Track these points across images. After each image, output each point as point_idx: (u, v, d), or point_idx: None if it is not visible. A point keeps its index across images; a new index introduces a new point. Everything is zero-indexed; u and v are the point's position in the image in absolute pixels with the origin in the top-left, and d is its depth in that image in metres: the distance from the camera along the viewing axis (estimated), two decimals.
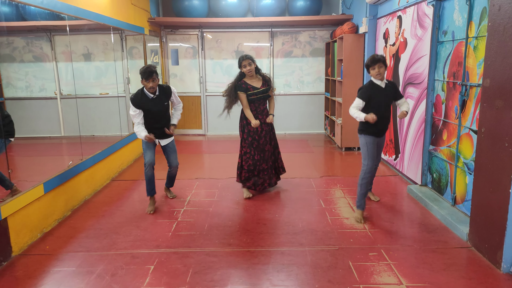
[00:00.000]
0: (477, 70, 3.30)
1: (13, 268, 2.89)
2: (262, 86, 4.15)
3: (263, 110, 4.20)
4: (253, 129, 4.15)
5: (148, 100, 3.73)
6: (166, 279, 2.70)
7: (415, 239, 3.25)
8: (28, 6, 3.43)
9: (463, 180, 3.52)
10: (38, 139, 4.14)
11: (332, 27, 7.57)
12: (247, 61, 4.04)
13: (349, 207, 3.97)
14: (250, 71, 4.06)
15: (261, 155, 4.22)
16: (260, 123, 4.16)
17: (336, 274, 2.72)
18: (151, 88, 3.66)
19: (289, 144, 6.99)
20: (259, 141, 4.19)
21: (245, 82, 4.10)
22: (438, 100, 4.00)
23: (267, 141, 4.23)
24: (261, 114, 4.19)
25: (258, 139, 4.19)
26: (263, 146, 4.21)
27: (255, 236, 3.34)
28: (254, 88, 4.10)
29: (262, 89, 4.13)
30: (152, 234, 3.40)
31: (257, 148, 4.19)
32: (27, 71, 4.02)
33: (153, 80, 3.63)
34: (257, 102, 4.15)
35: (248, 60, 4.05)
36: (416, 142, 4.49)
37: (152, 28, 7.04)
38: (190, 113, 8.06)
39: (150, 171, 3.89)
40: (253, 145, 4.19)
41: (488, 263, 2.85)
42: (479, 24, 3.26)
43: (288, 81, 7.87)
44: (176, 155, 4.08)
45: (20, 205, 3.12)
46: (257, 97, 4.11)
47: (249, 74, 4.08)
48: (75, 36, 4.41)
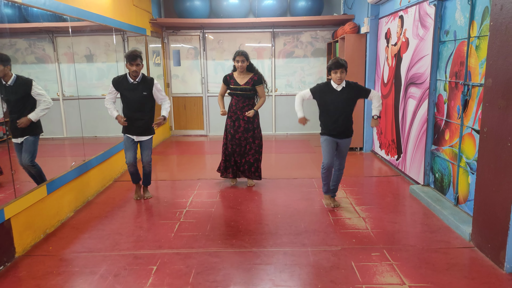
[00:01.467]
0: (479, 70, 3.30)
1: (16, 268, 2.90)
2: (245, 84, 4.24)
3: (242, 107, 4.32)
4: (231, 123, 4.38)
5: (127, 84, 3.83)
6: (169, 279, 2.71)
7: (418, 239, 3.24)
8: (30, 8, 3.44)
9: (466, 180, 3.52)
10: (41, 140, 4.14)
11: (334, 27, 7.57)
12: (241, 57, 4.20)
13: (351, 207, 3.96)
14: (241, 68, 4.24)
15: (237, 149, 4.41)
16: (238, 119, 4.33)
17: (338, 275, 2.72)
18: (133, 72, 3.76)
19: (291, 145, 6.99)
20: (234, 135, 4.38)
21: (232, 76, 4.33)
22: (440, 100, 4.00)
23: (245, 138, 4.37)
24: (240, 110, 4.33)
25: (233, 133, 4.38)
26: (238, 141, 4.39)
27: (258, 236, 3.34)
28: (236, 83, 4.28)
29: (242, 87, 4.25)
30: (154, 235, 3.41)
31: (231, 141, 4.41)
32: (30, 72, 4.02)
33: (136, 64, 3.73)
34: (237, 98, 4.30)
35: (242, 56, 4.20)
36: (418, 142, 4.48)
37: (154, 29, 7.06)
38: (192, 113, 8.07)
39: (131, 169, 4.08)
40: (227, 137, 4.44)
41: (491, 263, 2.84)
42: (481, 24, 3.25)
43: (289, 81, 7.87)
44: (149, 152, 4.08)
45: (23, 206, 3.13)
46: (235, 93, 4.28)
47: (240, 69, 4.26)
48: (77, 37, 4.42)
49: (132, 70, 3.75)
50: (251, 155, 4.45)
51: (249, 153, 4.44)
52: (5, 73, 3.11)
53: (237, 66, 4.25)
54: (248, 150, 4.43)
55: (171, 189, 4.70)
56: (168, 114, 4.21)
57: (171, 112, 8.05)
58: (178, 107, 8.06)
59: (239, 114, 4.33)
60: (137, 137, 4.01)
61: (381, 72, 5.74)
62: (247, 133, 4.37)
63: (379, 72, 5.84)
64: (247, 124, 4.34)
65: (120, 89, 3.87)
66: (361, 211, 3.86)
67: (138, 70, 3.76)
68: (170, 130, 8.10)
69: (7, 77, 3.13)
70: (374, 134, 6.13)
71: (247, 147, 4.43)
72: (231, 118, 4.39)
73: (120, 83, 3.85)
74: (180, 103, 8.02)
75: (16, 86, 3.21)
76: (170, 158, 6.31)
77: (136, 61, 3.72)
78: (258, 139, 4.45)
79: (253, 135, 4.41)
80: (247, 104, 4.32)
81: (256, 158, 4.48)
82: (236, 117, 4.35)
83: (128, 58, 3.73)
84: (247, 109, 4.31)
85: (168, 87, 7.95)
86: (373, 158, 5.91)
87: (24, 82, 3.32)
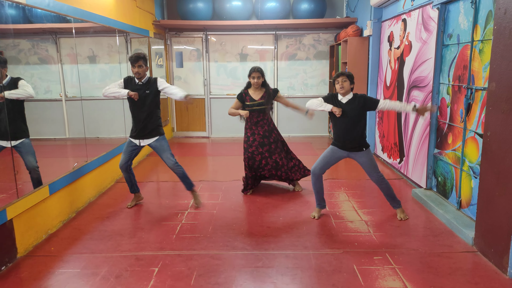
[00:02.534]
0: (482, 74, 3.29)
1: (18, 269, 2.89)
2: (260, 98, 4.24)
3: (257, 122, 4.29)
4: (246, 138, 4.34)
5: (134, 85, 3.82)
6: (170, 281, 2.70)
7: (420, 243, 3.23)
8: (34, 9, 3.45)
9: (469, 184, 3.51)
10: (43, 140, 4.15)
11: (337, 30, 7.57)
12: (256, 73, 4.19)
13: (353, 210, 3.95)
14: (257, 84, 4.21)
15: (250, 163, 4.35)
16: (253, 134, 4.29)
17: (340, 278, 2.71)
18: (136, 74, 3.75)
19: (293, 147, 6.95)
20: (247, 149, 4.32)
21: (247, 93, 4.28)
22: (443, 103, 3.99)
23: (259, 152, 4.30)
24: (256, 125, 4.29)
25: (247, 147, 4.33)
26: (252, 155, 4.31)
27: (259, 239, 3.34)
28: (252, 99, 4.25)
29: (258, 102, 4.23)
30: (156, 236, 3.40)
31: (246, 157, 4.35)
32: (33, 73, 4.03)
33: (139, 66, 3.72)
34: (252, 114, 4.27)
35: (258, 73, 4.19)
36: (420, 146, 4.47)
37: (157, 31, 7.07)
38: (194, 115, 8.07)
39: (124, 173, 3.97)
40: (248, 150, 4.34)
41: (494, 267, 2.83)
42: (485, 27, 3.25)
43: (292, 83, 7.87)
44: (168, 153, 3.92)
45: (25, 206, 3.13)
46: (252, 109, 4.24)
47: (255, 86, 4.23)
48: (81, 38, 4.43)
49: (135, 72, 3.75)
50: (267, 171, 4.37)
51: (265, 168, 4.35)
52: (2, 75, 3.09)
53: (252, 83, 4.20)
54: (264, 165, 4.34)
55: (173, 190, 4.69)
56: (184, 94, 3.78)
57: (172, 113, 8.05)
58: (180, 108, 8.06)
59: (254, 129, 4.29)
60: (143, 140, 3.89)
61: (383, 75, 5.74)
62: (262, 148, 4.29)
63: (381, 75, 5.83)
64: (262, 138, 4.29)
65: (127, 88, 3.84)
66: (363, 214, 3.85)
67: (140, 71, 3.74)
68: (172, 131, 8.10)
69: (2, 78, 3.12)
70: (377, 137, 6.12)
71: (263, 162, 4.33)
72: (246, 134, 4.35)
73: (129, 82, 3.85)
74: (182, 105, 8.03)
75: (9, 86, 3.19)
76: None
77: (138, 63, 3.71)
78: (275, 154, 4.32)
79: (270, 149, 4.30)
80: (262, 119, 4.28)
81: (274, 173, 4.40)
82: (251, 132, 4.30)
83: (130, 60, 3.74)
84: (262, 124, 4.28)
85: None
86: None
87: (14, 81, 3.28)
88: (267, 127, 4.30)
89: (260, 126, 4.28)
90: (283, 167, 4.37)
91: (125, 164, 3.93)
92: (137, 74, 3.75)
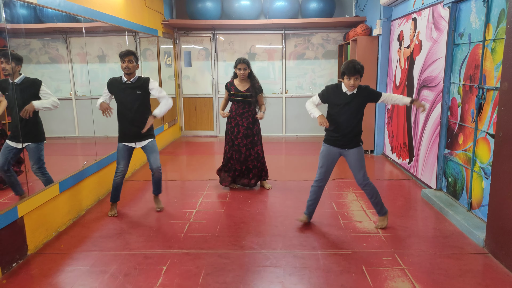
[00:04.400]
0: (494, 73, 3.24)
1: (28, 266, 2.93)
2: (245, 90, 4.30)
3: (242, 113, 4.35)
4: (231, 129, 4.42)
5: (121, 84, 3.65)
6: (179, 280, 2.71)
7: (430, 244, 3.20)
8: (45, 9, 3.49)
9: (480, 184, 3.46)
10: (53, 139, 4.19)
11: (345, 29, 7.53)
12: (242, 65, 4.26)
13: (362, 210, 3.93)
14: (243, 75, 4.29)
15: (235, 155, 4.42)
16: (238, 125, 4.37)
17: (349, 279, 2.70)
18: (125, 69, 3.58)
19: (301, 147, 6.97)
20: (234, 141, 4.41)
21: (233, 83, 4.38)
22: (454, 103, 3.94)
23: (244, 144, 4.39)
24: (240, 117, 4.36)
25: (233, 139, 4.41)
26: (237, 147, 4.40)
27: (267, 238, 3.33)
28: (236, 89, 4.33)
29: (243, 93, 4.30)
30: (164, 235, 3.42)
31: (231, 148, 4.43)
32: (43, 72, 4.07)
33: (129, 60, 3.57)
34: (237, 104, 4.35)
35: (244, 64, 4.26)
36: (431, 146, 4.43)
37: (166, 30, 7.10)
38: (202, 114, 8.09)
39: (119, 179, 3.81)
40: (228, 143, 4.46)
41: (506, 270, 2.78)
42: (497, 26, 3.20)
43: (300, 83, 7.85)
44: (157, 155, 3.81)
45: (36, 204, 3.17)
46: (237, 99, 4.33)
47: (241, 77, 4.30)
48: (91, 38, 4.47)
49: (124, 66, 3.57)
50: (250, 161, 4.46)
51: (248, 159, 4.45)
52: (14, 71, 3.10)
53: (238, 74, 4.28)
54: (248, 157, 4.44)
55: (181, 189, 4.71)
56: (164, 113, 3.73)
57: (180, 113, 8.08)
58: (189, 107, 8.09)
59: (238, 120, 4.36)
60: (136, 143, 3.76)
61: (393, 75, 5.69)
62: (246, 139, 4.38)
63: (391, 74, 5.79)
64: (246, 130, 4.37)
65: (114, 90, 3.67)
66: (372, 214, 3.82)
67: (130, 66, 3.58)
68: (180, 130, 8.13)
69: (15, 75, 3.12)
70: (386, 137, 6.08)
71: (247, 153, 4.44)
72: (230, 124, 4.42)
73: (114, 83, 3.67)
74: (191, 104, 8.05)
75: (23, 85, 3.15)
76: (180, 158, 6.34)
77: (128, 57, 3.57)
78: (257, 146, 4.45)
79: (252, 141, 4.42)
80: (247, 110, 4.35)
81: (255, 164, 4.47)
82: (235, 122, 4.38)
83: (120, 55, 3.60)
84: (247, 115, 4.35)
85: (179, 88, 7.98)
86: (384, 161, 5.85)
87: (32, 82, 3.25)
88: (251, 119, 4.38)
89: (245, 118, 4.36)
90: (262, 158, 4.52)
91: (126, 168, 3.80)
92: (126, 68, 3.58)
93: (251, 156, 4.46)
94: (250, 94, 4.29)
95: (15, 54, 3.14)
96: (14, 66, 3.08)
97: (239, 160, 4.44)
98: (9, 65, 3.03)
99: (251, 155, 4.46)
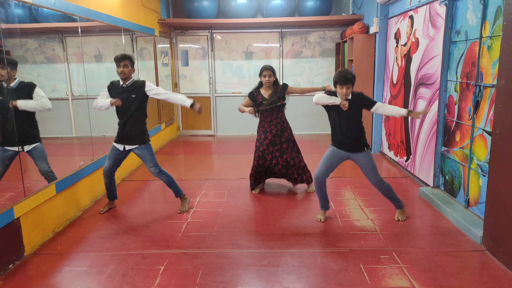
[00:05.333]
0: (491, 71, 3.24)
1: (25, 267, 2.92)
2: (270, 96, 4.19)
3: (271, 120, 4.24)
4: (258, 136, 4.31)
5: (118, 88, 3.67)
6: (176, 280, 2.70)
7: (427, 242, 3.20)
8: (40, 8, 3.47)
9: (477, 182, 3.47)
10: (50, 139, 4.17)
11: (342, 27, 7.53)
12: (268, 71, 4.13)
13: (359, 209, 3.93)
14: (268, 82, 4.16)
15: (260, 162, 4.29)
16: (266, 132, 4.25)
17: (347, 277, 2.70)
18: (121, 74, 3.58)
19: (299, 145, 6.94)
20: (259, 147, 4.28)
21: (259, 92, 4.23)
22: (451, 101, 3.95)
23: (270, 152, 4.25)
24: (269, 124, 4.24)
25: (258, 145, 4.30)
26: (262, 154, 4.26)
27: (265, 237, 3.33)
28: (263, 98, 4.20)
29: (270, 100, 4.17)
30: (162, 235, 3.41)
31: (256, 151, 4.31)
32: (40, 72, 4.05)
33: (124, 65, 3.56)
34: (265, 113, 4.23)
35: (269, 71, 4.13)
36: (428, 144, 4.43)
37: (162, 29, 7.08)
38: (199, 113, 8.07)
39: (105, 179, 3.84)
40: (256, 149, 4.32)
41: (503, 267, 2.79)
42: (494, 24, 3.20)
43: (297, 81, 7.84)
44: (151, 161, 3.77)
45: (32, 204, 3.15)
46: (265, 108, 4.19)
47: (266, 84, 4.18)
48: (87, 37, 4.45)
49: (119, 71, 3.58)
50: (278, 170, 4.31)
51: (276, 167, 4.30)
52: (10, 77, 3.09)
53: (263, 81, 4.14)
54: (274, 165, 4.28)
55: None
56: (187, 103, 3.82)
57: (177, 112, 8.07)
58: (186, 107, 8.06)
59: (266, 127, 4.24)
60: (127, 146, 3.75)
61: (390, 73, 5.69)
62: (272, 147, 4.24)
63: (388, 72, 5.79)
64: (274, 137, 4.23)
65: (112, 94, 3.69)
66: (369, 212, 3.83)
67: (125, 71, 3.58)
68: (177, 130, 8.12)
69: (11, 80, 3.11)
70: (383, 135, 6.08)
71: (273, 162, 4.27)
72: (258, 132, 4.30)
73: (112, 88, 3.69)
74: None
75: (18, 89, 3.16)
76: (177, 158, 6.33)
77: (123, 62, 3.57)
78: (286, 154, 4.27)
79: (281, 149, 4.25)
80: (276, 117, 4.23)
81: (285, 172, 4.33)
82: (263, 130, 4.25)
83: (115, 59, 3.60)
84: (275, 122, 4.22)
85: (176, 87, 7.97)
86: (381, 159, 5.86)
87: (25, 85, 3.25)
88: (280, 126, 4.25)
89: (274, 125, 4.24)
90: (293, 166, 4.33)
91: (109, 170, 3.81)
92: (121, 73, 3.58)
93: (279, 165, 4.27)
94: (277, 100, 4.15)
95: (10, 59, 3.12)
96: (9, 71, 3.07)
97: (263, 166, 4.31)
98: (4, 70, 3.01)
99: (278, 163, 4.26)
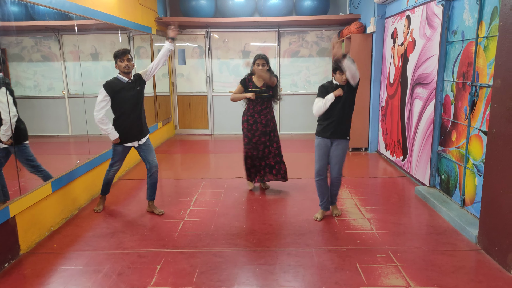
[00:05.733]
0: (487, 71, 3.26)
1: (21, 266, 2.90)
2: (262, 86, 4.19)
3: (260, 110, 4.24)
4: (247, 127, 4.28)
5: (123, 84, 3.56)
6: (173, 279, 2.70)
7: (423, 241, 3.21)
8: (36, 6, 3.45)
9: (472, 181, 3.48)
10: (46, 137, 4.16)
11: (340, 27, 7.53)
12: (261, 60, 4.13)
13: (356, 208, 3.94)
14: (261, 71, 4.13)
15: (254, 153, 4.31)
16: (256, 122, 4.24)
17: (343, 276, 2.70)
18: (126, 67, 3.51)
19: (296, 144, 6.97)
20: (251, 139, 4.28)
21: (250, 79, 4.23)
22: (447, 100, 3.96)
23: (262, 142, 4.28)
24: (258, 114, 4.24)
25: (250, 137, 4.28)
26: (255, 145, 4.29)
27: (262, 236, 3.33)
28: (254, 86, 4.20)
29: (261, 89, 4.18)
30: (158, 234, 3.40)
31: (247, 145, 4.31)
32: (36, 70, 4.03)
33: (128, 59, 3.52)
34: (255, 101, 4.22)
35: (262, 60, 4.13)
36: (424, 143, 4.45)
37: (160, 28, 7.06)
38: (196, 112, 8.07)
39: (111, 176, 3.89)
40: (245, 141, 4.34)
41: (498, 266, 2.81)
42: (490, 24, 3.22)
43: (295, 81, 7.84)
44: (154, 153, 3.84)
45: (28, 203, 3.14)
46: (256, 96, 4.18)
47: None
48: (83, 35, 4.43)
49: (123, 65, 3.50)
50: (271, 158, 4.36)
51: (269, 156, 4.35)
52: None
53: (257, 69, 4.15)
54: (267, 154, 4.34)
55: (175, 188, 4.69)
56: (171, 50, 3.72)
57: (174, 111, 8.05)
58: (183, 105, 8.06)
59: (256, 117, 4.23)
60: (142, 139, 3.76)
61: (387, 72, 5.70)
62: (264, 137, 4.27)
63: (385, 72, 5.80)
64: (264, 127, 4.25)
65: (116, 93, 3.53)
66: (366, 212, 3.84)
67: (130, 65, 3.54)
68: (174, 129, 8.10)
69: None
70: (380, 135, 6.09)
71: (265, 151, 4.32)
72: (247, 122, 4.28)
73: (114, 86, 3.55)
74: (185, 102, 8.03)
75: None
76: (174, 157, 6.31)
77: (127, 56, 3.53)
78: (275, 142, 4.34)
79: (270, 139, 4.31)
80: (265, 107, 4.24)
81: (277, 160, 4.38)
82: (253, 120, 4.25)
83: (118, 53, 3.52)
84: (265, 112, 4.23)
85: (173, 85, 7.95)
86: (378, 159, 5.88)
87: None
88: (269, 116, 4.28)
89: (263, 115, 4.25)
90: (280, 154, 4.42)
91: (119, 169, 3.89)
92: (126, 67, 3.51)
93: (271, 154, 4.34)
94: (267, 90, 4.17)
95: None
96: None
97: (257, 157, 4.33)
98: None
99: (270, 152, 4.33)
